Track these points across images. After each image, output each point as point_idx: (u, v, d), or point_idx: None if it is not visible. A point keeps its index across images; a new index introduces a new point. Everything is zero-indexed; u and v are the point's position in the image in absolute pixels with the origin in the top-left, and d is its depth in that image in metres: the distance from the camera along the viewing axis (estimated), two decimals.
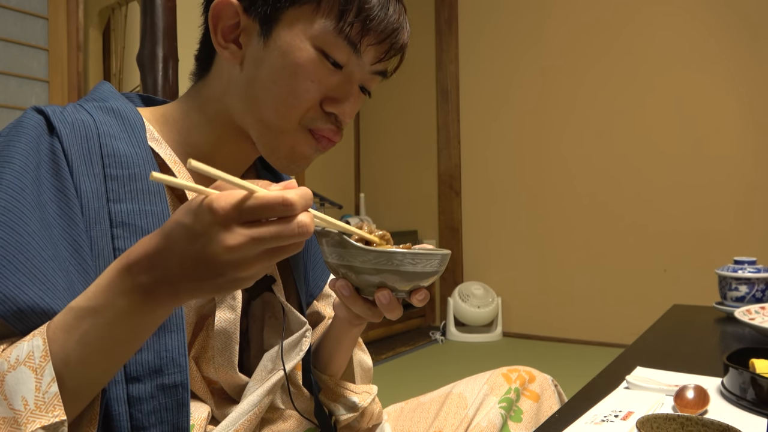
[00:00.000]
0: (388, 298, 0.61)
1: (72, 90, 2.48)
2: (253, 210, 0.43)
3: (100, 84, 0.70)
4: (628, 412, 0.65)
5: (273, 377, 0.70)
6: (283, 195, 0.44)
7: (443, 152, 3.70)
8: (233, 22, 0.65)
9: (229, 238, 0.43)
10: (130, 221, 0.59)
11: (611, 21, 3.16)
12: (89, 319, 0.48)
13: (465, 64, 3.64)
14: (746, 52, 2.84)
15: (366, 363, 0.85)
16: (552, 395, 0.88)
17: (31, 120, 0.59)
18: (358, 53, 0.64)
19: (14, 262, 0.51)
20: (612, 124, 3.17)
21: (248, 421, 0.68)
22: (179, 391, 0.58)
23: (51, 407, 0.46)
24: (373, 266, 0.58)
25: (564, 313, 3.31)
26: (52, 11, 2.47)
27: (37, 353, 0.47)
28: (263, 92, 0.64)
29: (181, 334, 0.59)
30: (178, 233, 0.45)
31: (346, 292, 0.63)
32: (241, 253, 0.44)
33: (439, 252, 0.61)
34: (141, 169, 0.61)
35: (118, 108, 0.65)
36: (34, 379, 0.47)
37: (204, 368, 0.69)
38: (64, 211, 0.56)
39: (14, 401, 0.46)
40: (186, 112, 0.69)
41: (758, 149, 2.84)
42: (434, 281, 0.64)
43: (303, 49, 0.62)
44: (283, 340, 0.71)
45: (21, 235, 0.52)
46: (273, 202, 0.43)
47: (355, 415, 0.79)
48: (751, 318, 1.06)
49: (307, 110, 0.65)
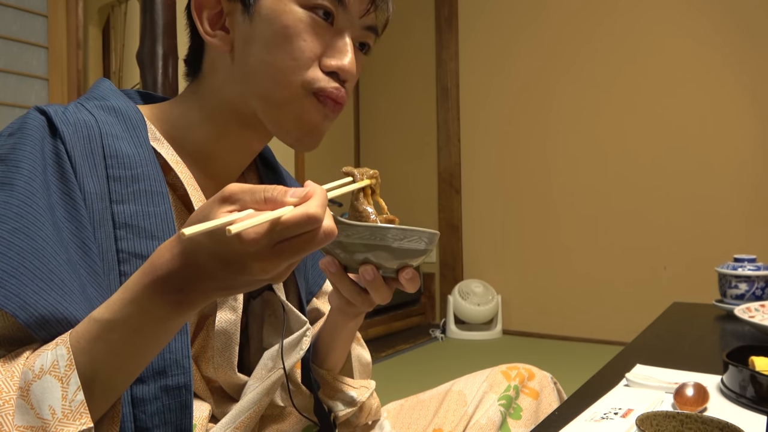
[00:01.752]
0: (371, 274, 0.60)
1: (72, 87, 2.48)
2: (282, 234, 0.43)
3: (100, 81, 0.70)
4: (628, 409, 0.65)
5: (273, 376, 0.70)
6: (306, 212, 0.43)
7: (443, 150, 3.70)
8: (216, 11, 0.65)
9: (264, 264, 0.44)
10: (133, 222, 0.59)
11: (612, 20, 3.16)
12: (119, 331, 0.48)
13: (465, 61, 3.63)
14: (749, 49, 2.84)
15: (364, 358, 0.85)
16: (551, 393, 0.88)
17: (33, 121, 0.58)
18: (343, 4, 0.63)
19: (31, 269, 0.50)
20: (613, 123, 3.17)
21: (248, 419, 0.68)
22: (182, 392, 0.58)
23: (78, 415, 0.46)
24: (360, 241, 0.57)
25: (564, 310, 3.31)
26: (51, 9, 2.47)
27: (61, 362, 0.47)
28: (259, 66, 0.63)
29: (185, 336, 0.59)
30: (203, 255, 0.45)
31: (333, 268, 0.63)
32: (274, 268, 0.45)
33: (429, 230, 0.59)
34: (143, 170, 0.61)
35: (120, 107, 0.64)
36: (60, 388, 0.46)
37: (203, 368, 0.69)
38: (71, 214, 0.55)
39: (42, 410, 0.46)
40: (185, 110, 0.69)
41: (759, 147, 2.83)
42: (422, 261, 0.62)
43: (288, 11, 0.62)
44: (284, 339, 0.71)
45: (36, 241, 0.51)
46: (300, 222, 0.43)
47: (354, 410, 0.79)
48: (750, 316, 1.06)
49: (305, 72, 0.63)
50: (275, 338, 0.74)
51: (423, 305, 3.72)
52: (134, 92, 0.76)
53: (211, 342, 0.68)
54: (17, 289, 0.49)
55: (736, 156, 2.88)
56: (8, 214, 0.51)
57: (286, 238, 0.44)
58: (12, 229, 0.51)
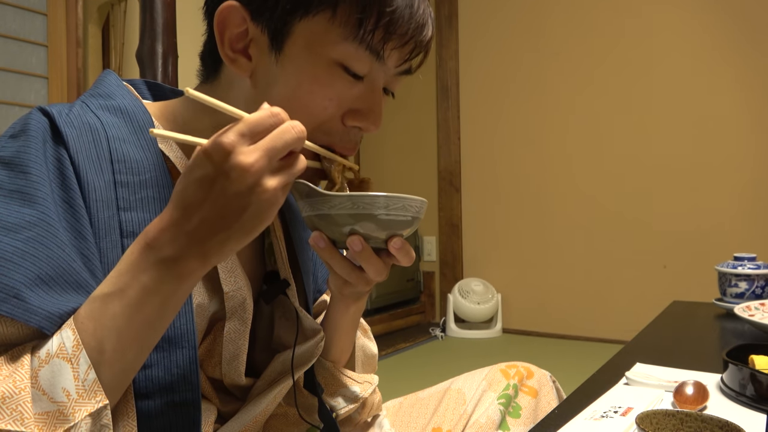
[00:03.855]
0: (359, 245, 0.57)
1: (71, 86, 2.48)
2: (250, 129, 0.47)
3: (105, 75, 0.66)
4: (628, 408, 0.65)
5: (282, 381, 0.69)
6: (269, 109, 0.49)
7: (443, 149, 3.70)
8: (241, 30, 0.59)
9: (244, 158, 0.46)
10: (141, 231, 0.57)
11: (613, 18, 3.15)
12: (116, 302, 0.47)
13: (465, 60, 3.63)
14: (748, 49, 2.84)
15: (370, 349, 0.84)
16: (550, 391, 0.88)
17: (36, 124, 0.55)
18: (382, 60, 0.59)
19: (47, 279, 0.49)
20: (612, 122, 3.17)
21: (254, 423, 0.68)
22: (190, 410, 0.56)
23: (93, 393, 0.46)
24: (344, 211, 0.55)
25: (564, 309, 3.31)
26: (51, 7, 2.46)
27: (68, 343, 0.47)
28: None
29: (192, 351, 0.57)
30: (190, 192, 0.47)
31: (322, 243, 0.60)
32: (260, 170, 0.47)
33: (415, 198, 0.57)
34: (152, 175, 0.59)
35: (126, 107, 0.62)
36: (71, 369, 0.46)
37: (209, 371, 0.68)
38: (71, 224, 0.53)
39: (55, 394, 0.45)
40: (195, 113, 0.65)
41: (758, 146, 2.83)
42: (411, 231, 0.60)
43: (319, 65, 0.57)
44: (296, 345, 0.70)
45: (51, 249, 0.50)
46: (264, 116, 0.48)
47: (356, 406, 0.78)
48: (750, 314, 1.06)
49: (326, 130, 0.60)
50: (287, 340, 0.73)
51: (423, 304, 3.72)
52: (141, 83, 0.72)
53: (218, 348, 0.67)
54: (38, 301, 0.48)
55: (735, 155, 2.88)
56: (21, 224, 0.50)
57: (258, 138, 0.48)
58: (26, 239, 0.49)
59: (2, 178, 0.52)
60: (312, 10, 0.56)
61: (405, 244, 0.59)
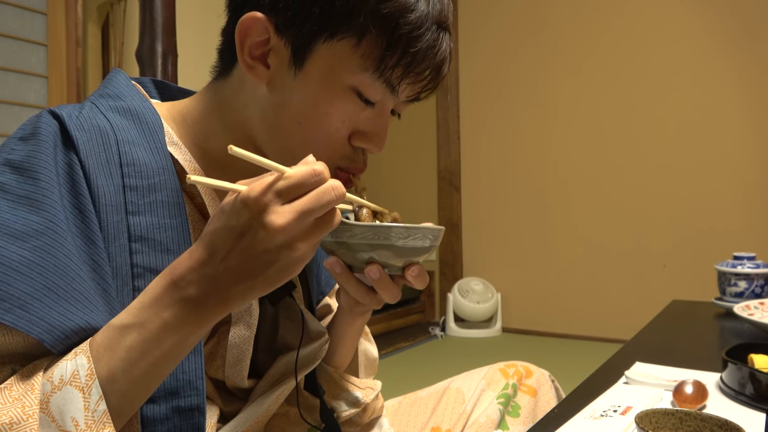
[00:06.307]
0: (377, 273, 0.58)
1: (71, 85, 2.48)
2: (290, 188, 0.46)
3: (114, 74, 0.65)
4: (627, 407, 0.65)
5: (285, 382, 0.69)
6: (311, 167, 0.47)
7: (443, 148, 3.70)
8: (262, 39, 0.59)
9: (276, 219, 0.45)
10: (149, 235, 0.56)
11: (612, 18, 3.15)
12: (134, 335, 0.47)
13: (465, 60, 3.63)
14: (748, 48, 2.84)
15: (371, 353, 0.84)
16: (549, 390, 0.88)
17: (47, 127, 0.54)
18: (396, 93, 0.60)
19: (55, 289, 0.49)
20: (612, 121, 3.17)
21: (256, 423, 0.68)
22: (195, 415, 0.56)
23: (101, 425, 0.46)
24: (364, 241, 0.57)
25: (564, 308, 3.31)
26: (50, 7, 2.46)
27: (82, 372, 0.46)
28: (291, 126, 0.60)
29: (198, 356, 0.57)
30: (220, 237, 0.46)
31: (338, 269, 0.61)
32: (291, 232, 0.46)
33: (433, 227, 0.59)
34: (161, 179, 0.58)
35: (136, 109, 0.61)
36: (82, 399, 0.46)
37: (211, 372, 0.68)
38: (81, 230, 0.53)
39: (64, 422, 0.45)
40: (204, 114, 0.64)
41: (758, 146, 2.83)
42: (427, 258, 0.61)
43: (335, 88, 0.58)
44: (300, 347, 0.70)
45: (59, 258, 0.50)
46: (305, 175, 0.46)
47: (357, 410, 0.78)
48: (750, 313, 1.06)
49: (334, 148, 0.61)
50: (291, 341, 0.73)
51: (423, 303, 3.72)
52: (149, 81, 0.72)
53: (222, 351, 0.67)
54: (41, 312, 0.48)
55: (735, 154, 2.88)
56: (29, 232, 0.49)
57: (296, 196, 0.46)
58: (33, 248, 0.49)
59: (11, 183, 0.52)
60: (338, 35, 0.57)
61: (422, 270, 0.61)
